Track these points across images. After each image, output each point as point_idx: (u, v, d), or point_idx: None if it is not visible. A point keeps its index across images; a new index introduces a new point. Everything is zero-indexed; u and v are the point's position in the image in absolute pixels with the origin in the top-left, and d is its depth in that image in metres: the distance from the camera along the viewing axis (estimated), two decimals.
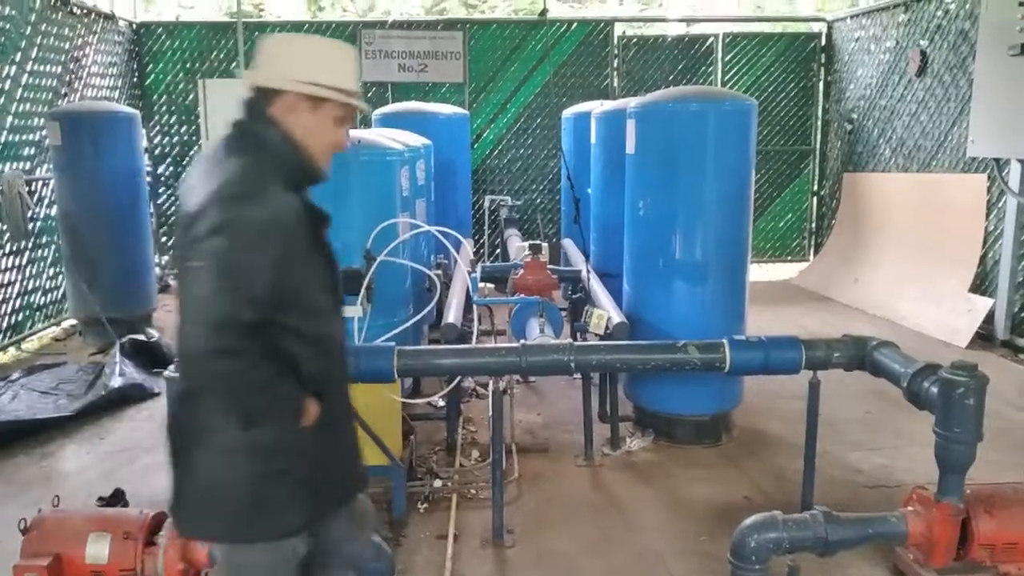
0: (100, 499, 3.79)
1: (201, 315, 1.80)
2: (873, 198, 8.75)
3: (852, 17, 9.62)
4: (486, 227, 9.15)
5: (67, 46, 7.94)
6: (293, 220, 1.90)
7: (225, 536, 2.05)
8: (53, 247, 7.41)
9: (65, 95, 7.84)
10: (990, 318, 6.75)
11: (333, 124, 2.04)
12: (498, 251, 8.94)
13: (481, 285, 5.70)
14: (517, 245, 6.69)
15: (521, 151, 10.15)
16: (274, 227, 1.85)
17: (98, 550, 2.70)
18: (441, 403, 4.79)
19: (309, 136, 2.00)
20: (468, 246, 6.49)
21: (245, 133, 1.99)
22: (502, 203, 8.82)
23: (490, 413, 3.62)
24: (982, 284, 7.00)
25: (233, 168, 1.89)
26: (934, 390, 2.94)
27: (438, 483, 4.10)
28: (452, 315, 4.42)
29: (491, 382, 3.71)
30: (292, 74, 1.97)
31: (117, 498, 3.80)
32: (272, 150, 1.96)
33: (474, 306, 4.45)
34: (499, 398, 3.55)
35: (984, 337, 6.74)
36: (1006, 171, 6.59)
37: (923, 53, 7.91)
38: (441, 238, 4.21)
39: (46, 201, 7.34)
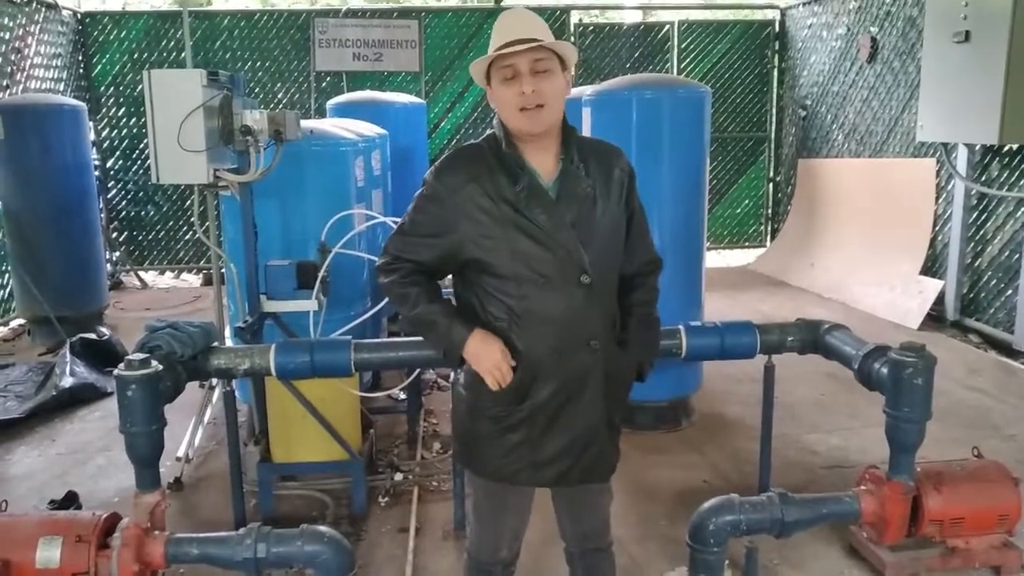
0: (52, 502, 3.72)
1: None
2: (827, 183, 8.89)
3: (804, 4, 9.73)
4: None
5: (7, 36, 7.69)
6: (467, 191, 2.10)
7: (457, 457, 2.42)
8: None
9: (7, 87, 7.59)
10: (940, 299, 6.91)
11: (504, 86, 2.09)
12: None
13: None
14: None
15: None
16: (436, 193, 2.13)
17: (49, 554, 2.62)
18: (402, 396, 4.77)
19: (498, 110, 2.16)
20: None
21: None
22: None
23: (451, 405, 3.60)
24: (932, 266, 7.16)
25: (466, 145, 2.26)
26: (884, 371, 2.98)
27: (399, 476, 4.08)
28: None
29: (452, 374, 3.68)
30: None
31: (70, 501, 3.72)
32: (495, 132, 2.20)
33: None
34: None
35: (935, 318, 6.90)
36: (954, 155, 6.74)
37: (873, 40, 8.04)
38: None
39: None
